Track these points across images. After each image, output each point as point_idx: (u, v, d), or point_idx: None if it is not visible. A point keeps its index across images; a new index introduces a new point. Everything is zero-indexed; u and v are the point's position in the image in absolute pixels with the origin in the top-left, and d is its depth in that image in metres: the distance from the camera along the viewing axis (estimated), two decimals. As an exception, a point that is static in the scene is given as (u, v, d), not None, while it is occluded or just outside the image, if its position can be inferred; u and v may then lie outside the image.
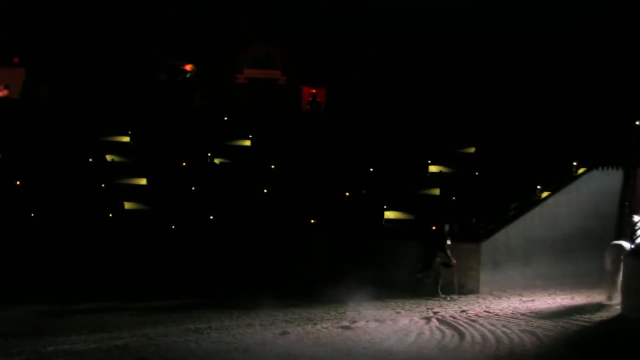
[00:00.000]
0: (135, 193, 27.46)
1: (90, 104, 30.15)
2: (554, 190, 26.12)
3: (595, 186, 26.61)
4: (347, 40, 32.28)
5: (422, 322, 20.20)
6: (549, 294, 23.92)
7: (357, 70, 32.37)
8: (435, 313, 21.24)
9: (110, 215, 26.42)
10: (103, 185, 27.31)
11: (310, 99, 32.94)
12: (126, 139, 29.28)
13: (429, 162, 27.82)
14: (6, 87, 29.92)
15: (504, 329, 19.42)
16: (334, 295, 22.12)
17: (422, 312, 21.42)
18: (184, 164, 28.44)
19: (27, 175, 27.24)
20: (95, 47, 31.61)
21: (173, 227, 26.18)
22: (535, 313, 21.27)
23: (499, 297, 23.51)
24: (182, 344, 17.59)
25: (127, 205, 26.97)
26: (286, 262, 24.52)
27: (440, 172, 27.68)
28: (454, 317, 20.71)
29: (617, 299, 21.79)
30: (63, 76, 31.23)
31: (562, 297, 23.57)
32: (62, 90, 30.94)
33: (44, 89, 30.86)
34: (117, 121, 29.51)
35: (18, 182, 26.87)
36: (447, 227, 23.59)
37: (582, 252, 25.36)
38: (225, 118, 31.04)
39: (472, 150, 28.41)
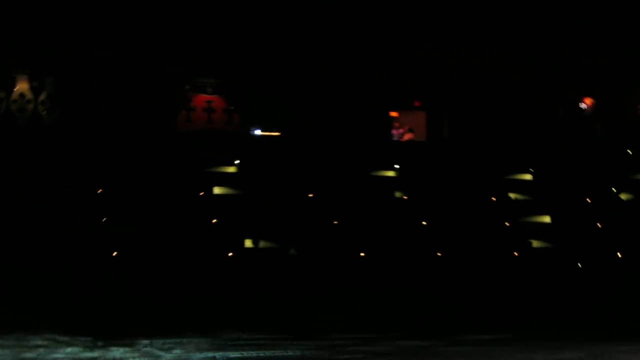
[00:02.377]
0: (540, 231, 27.44)
1: (490, 143, 30.38)
2: None
3: None
4: None
5: None
6: None
7: None
8: None
9: (516, 253, 26.55)
10: (508, 223, 27.49)
11: None
12: (528, 176, 29.22)
13: None
14: (410, 130, 30.82)
15: None
16: None
17: None
18: (588, 199, 27.98)
19: (430, 215, 27.98)
20: (493, 88, 31.83)
21: (579, 265, 25.82)
22: None
23: None
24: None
25: (534, 243, 27.03)
26: None
27: None
28: None
29: None
30: (462, 117, 31.67)
31: None
32: (462, 130, 31.40)
33: (444, 130, 31.46)
34: (519, 159, 29.52)
35: (424, 223, 27.65)
36: None
37: None
38: (629, 151, 30.12)
39: None
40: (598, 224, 27.18)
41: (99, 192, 26.85)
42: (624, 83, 31.82)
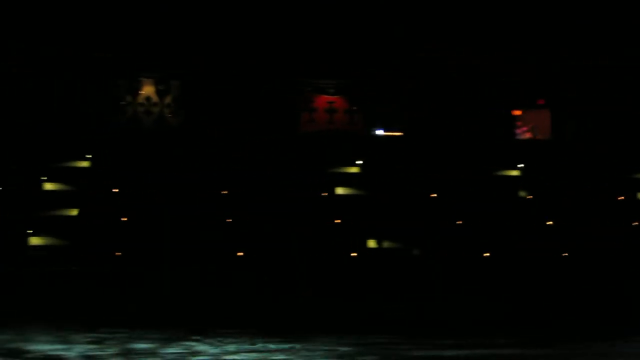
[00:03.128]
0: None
1: (616, 141, 29.85)
2: None
3: None
4: None
5: None
6: None
7: None
8: None
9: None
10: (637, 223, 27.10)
11: None
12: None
13: None
14: (532, 129, 30.38)
15: None
16: None
17: None
18: None
19: (558, 214, 27.74)
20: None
21: None
22: None
23: None
24: None
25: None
26: None
27: None
28: None
29: None
30: (588, 115, 31.16)
31: None
32: (588, 128, 30.89)
33: (569, 128, 30.95)
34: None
35: (550, 222, 27.40)
36: None
37: None
38: None
39: None
40: None
41: (223, 193, 27.25)
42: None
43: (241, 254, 26.59)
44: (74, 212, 26.57)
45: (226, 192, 27.25)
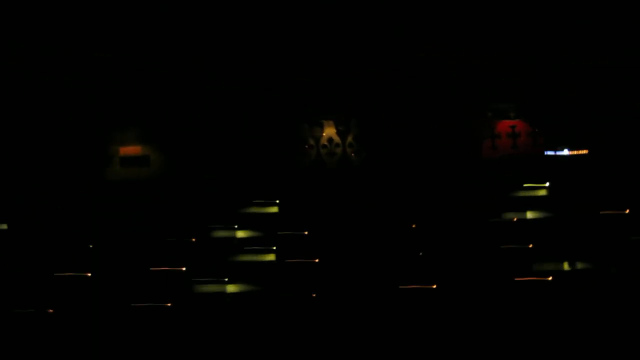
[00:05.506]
0: None
1: None
2: None
3: None
4: None
5: None
6: None
7: None
8: None
9: None
10: None
11: None
12: None
13: None
14: None
15: None
16: None
17: None
18: None
19: None
20: None
21: None
22: None
23: None
24: None
25: None
26: None
27: None
28: None
29: None
30: None
31: None
32: None
33: None
34: None
35: None
36: None
37: None
38: None
39: None
40: None
41: (413, 226, 27.36)
42: None
43: (434, 286, 26.59)
44: (267, 257, 27.15)
45: (415, 225, 27.35)
